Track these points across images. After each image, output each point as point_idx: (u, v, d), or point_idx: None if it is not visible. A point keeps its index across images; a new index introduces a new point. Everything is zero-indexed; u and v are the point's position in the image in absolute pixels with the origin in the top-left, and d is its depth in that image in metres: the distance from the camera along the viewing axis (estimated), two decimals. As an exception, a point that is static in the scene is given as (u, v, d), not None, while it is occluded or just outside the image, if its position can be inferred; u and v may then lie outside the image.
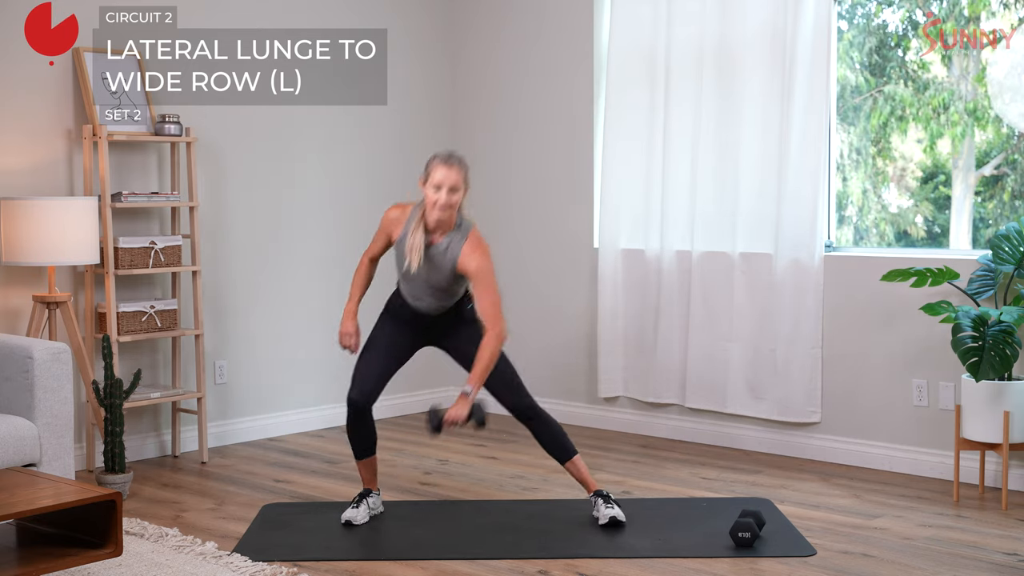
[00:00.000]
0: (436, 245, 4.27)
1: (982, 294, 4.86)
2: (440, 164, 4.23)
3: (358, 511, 4.43)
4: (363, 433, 4.44)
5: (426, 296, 4.36)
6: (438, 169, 4.22)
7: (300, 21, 6.10)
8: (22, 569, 3.34)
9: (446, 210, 4.21)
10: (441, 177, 4.20)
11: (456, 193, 4.22)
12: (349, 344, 4.51)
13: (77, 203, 4.89)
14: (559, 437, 4.47)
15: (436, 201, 4.20)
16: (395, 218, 4.37)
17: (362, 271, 4.54)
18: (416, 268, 4.26)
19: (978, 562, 3.96)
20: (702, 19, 5.69)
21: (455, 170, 4.22)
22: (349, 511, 4.44)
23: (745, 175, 5.59)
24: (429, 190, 4.23)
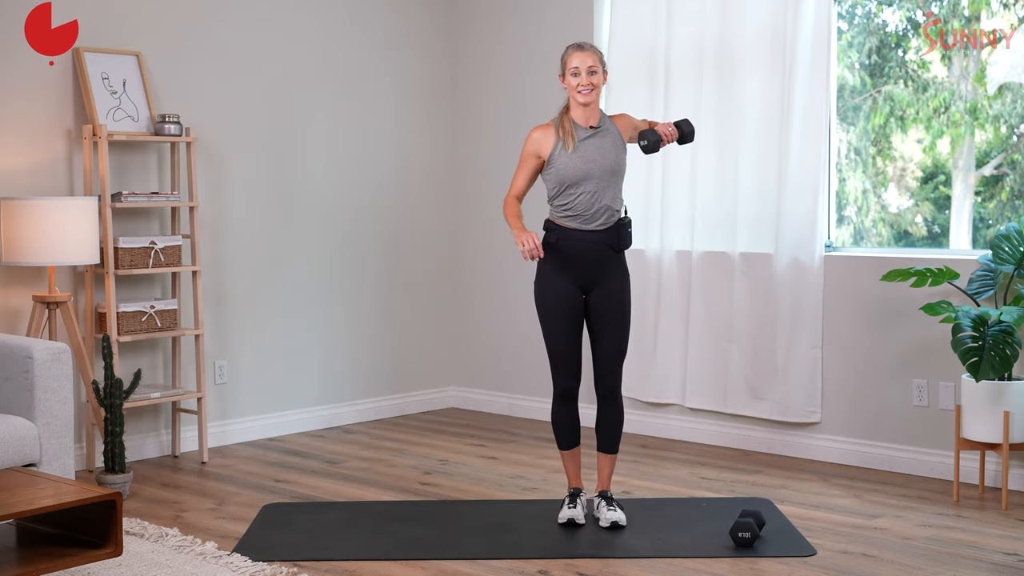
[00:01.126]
0: (597, 127, 4.32)
1: (982, 294, 4.86)
2: (574, 51, 4.29)
3: (576, 510, 4.38)
4: (572, 421, 4.44)
5: (603, 191, 4.28)
6: (573, 56, 4.28)
7: (300, 21, 6.10)
8: (22, 569, 3.34)
9: (589, 92, 4.26)
10: (578, 62, 4.26)
11: (595, 75, 4.27)
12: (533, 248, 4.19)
13: (77, 203, 4.89)
14: (618, 429, 4.47)
15: (579, 85, 4.26)
16: (539, 137, 4.36)
17: (511, 207, 4.37)
18: (577, 149, 4.26)
19: (978, 562, 3.96)
20: (702, 19, 5.69)
21: (588, 53, 4.28)
22: (567, 510, 4.38)
23: (745, 175, 5.59)
24: (569, 79, 4.28)
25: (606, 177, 4.28)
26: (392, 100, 6.53)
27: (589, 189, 4.28)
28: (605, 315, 4.36)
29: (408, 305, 6.66)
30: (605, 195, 4.29)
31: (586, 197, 4.28)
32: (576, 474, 4.50)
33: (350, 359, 6.38)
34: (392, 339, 6.59)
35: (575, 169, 4.27)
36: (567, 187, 4.29)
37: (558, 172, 4.29)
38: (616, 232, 4.33)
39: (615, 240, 4.33)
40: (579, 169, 4.26)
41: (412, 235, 6.67)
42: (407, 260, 6.65)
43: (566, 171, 4.28)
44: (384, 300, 6.53)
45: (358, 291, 6.41)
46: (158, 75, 5.54)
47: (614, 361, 4.41)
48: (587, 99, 4.26)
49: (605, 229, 4.31)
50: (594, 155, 4.28)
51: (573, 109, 4.32)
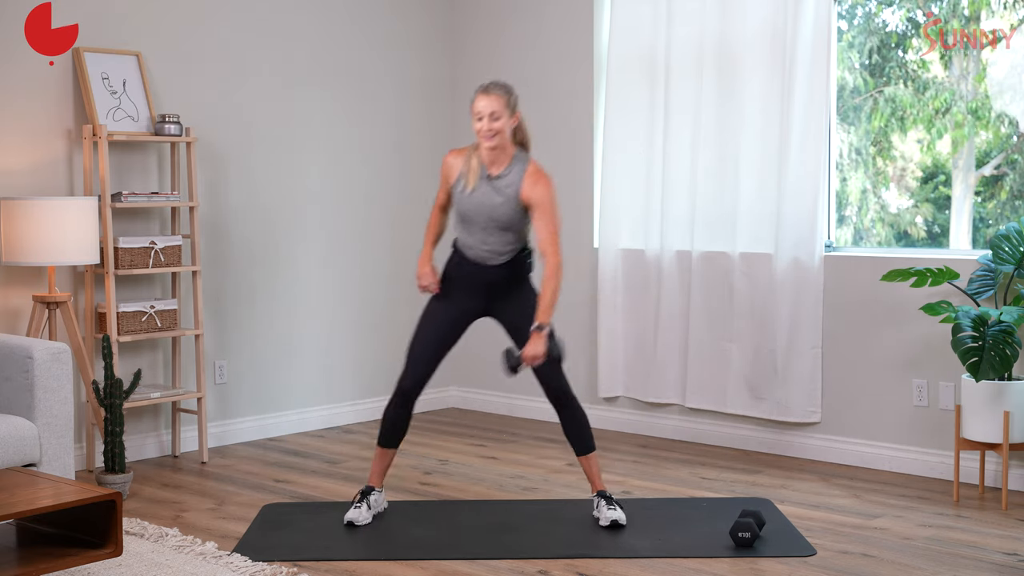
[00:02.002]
0: (498, 177, 4.25)
1: (982, 294, 4.86)
2: (479, 94, 4.21)
3: (360, 511, 4.40)
4: (401, 422, 4.42)
5: (489, 239, 4.30)
6: (478, 100, 4.20)
7: (300, 21, 6.10)
8: (22, 569, 3.34)
9: (491, 138, 4.18)
10: (481, 107, 4.19)
11: (498, 120, 4.17)
12: (427, 284, 4.39)
13: (77, 203, 4.89)
14: (583, 429, 4.45)
15: (480, 131, 4.19)
16: (451, 162, 4.36)
17: (432, 222, 4.48)
18: (469, 191, 4.24)
19: (978, 562, 3.96)
20: (702, 19, 5.69)
21: (493, 97, 4.18)
22: (351, 512, 4.42)
23: (745, 175, 5.59)
24: (474, 123, 4.21)
25: (490, 226, 4.29)
26: (392, 100, 6.53)
27: (473, 232, 4.31)
28: (522, 327, 4.33)
29: (408, 305, 6.63)
30: (490, 241, 4.31)
31: (470, 237, 4.33)
32: (379, 472, 4.48)
33: (350, 359, 6.38)
34: (392, 339, 6.57)
35: (464, 210, 4.30)
36: (458, 221, 4.36)
37: (455, 205, 4.35)
38: (511, 266, 4.37)
39: (510, 272, 4.37)
40: (466, 211, 4.30)
41: (412, 235, 6.65)
42: (407, 260, 6.64)
43: (457, 207, 4.33)
44: (384, 300, 6.53)
45: (358, 291, 6.41)
46: (158, 75, 5.54)
47: (550, 368, 4.37)
48: (491, 144, 4.20)
49: (498, 264, 4.35)
50: (483, 203, 4.27)
51: (481, 148, 4.26)
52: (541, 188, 4.22)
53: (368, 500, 4.44)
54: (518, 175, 4.24)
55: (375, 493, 4.48)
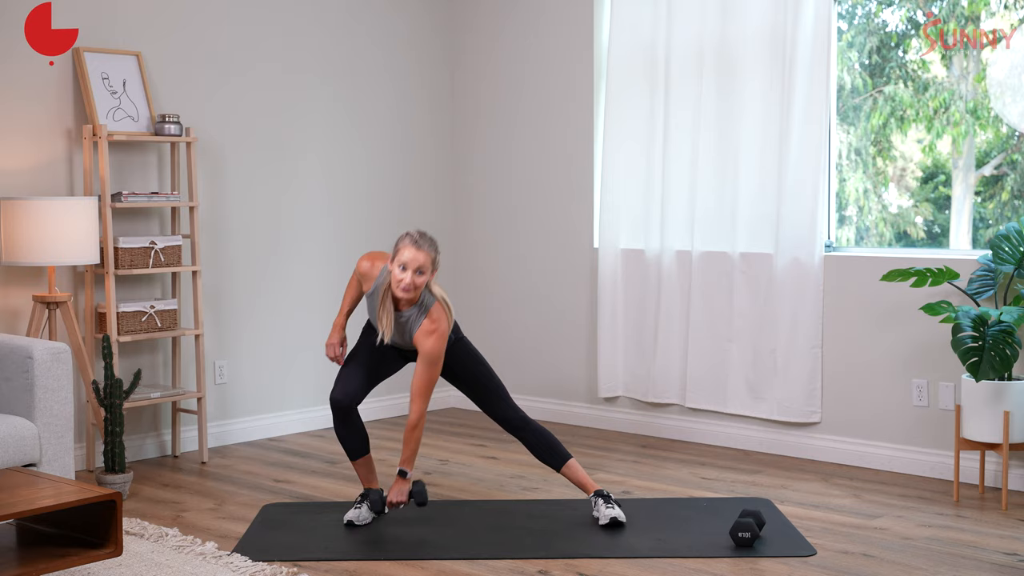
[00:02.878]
0: (401, 312, 4.32)
1: (982, 294, 4.86)
2: (409, 244, 4.20)
3: (360, 511, 4.43)
4: (351, 433, 4.43)
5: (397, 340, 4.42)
6: (406, 249, 4.19)
7: (300, 21, 6.10)
8: (22, 569, 3.34)
9: (410, 291, 4.21)
10: (408, 258, 4.18)
11: (422, 275, 4.20)
12: (334, 355, 4.53)
13: (77, 203, 4.89)
14: (551, 444, 4.49)
15: (401, 281, 4.19)
16: (365, 271, 4.41)
17: (352, 287, 4.55)
18: (388, 340, 4.33)
19: (978, 562, 3.96)
20: (702, 19, 5.69)
21: (423, 252, 4.19)
22: (351, 511, 4.44)
23: (745, 175, 5.59)
24: (396, 268, 4.20)
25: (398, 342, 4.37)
26: (392, 100, 6.53)
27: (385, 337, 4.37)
28: (462, 375, 4.47)
29: (408, 305, 6.65)
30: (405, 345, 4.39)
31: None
32: (366, 478, 4.51)
33: (350, 359, 6.37)
34: (392, 339, 6.58)
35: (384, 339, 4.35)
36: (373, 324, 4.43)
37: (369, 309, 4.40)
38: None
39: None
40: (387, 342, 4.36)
41: (412, 235, 6.66)
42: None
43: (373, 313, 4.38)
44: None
45: (358, 291, 6.41)
46: (158, 75, 5.54)
47: (500, 399, 4.47)
48: (406, 296, 4.23)
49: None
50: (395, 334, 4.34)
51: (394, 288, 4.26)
52: (431, 342, 4.25)
53: (369, 500, 4.45)
54: (416, 323, 4.29)
55: (373, 493, 4.48)
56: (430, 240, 4.25)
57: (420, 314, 4.28)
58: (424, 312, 4.27)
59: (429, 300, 4.30)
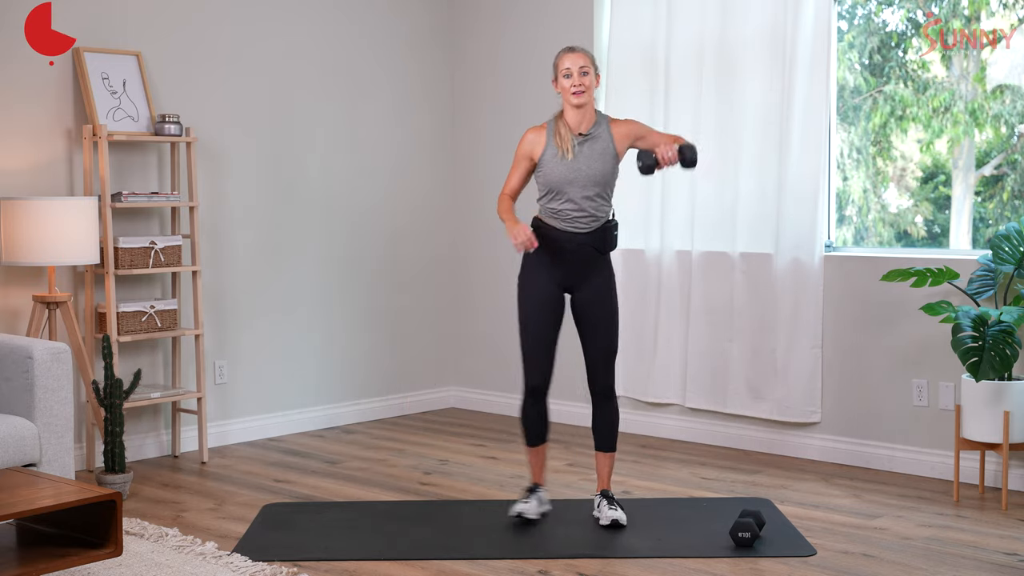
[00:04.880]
0: (588, 133, 4.32)
1: (982, 294, 4.86)
2: (565, 53, 4.32)
3: (529, 504, 4.41)
4: (541, 418, 4.45)
5: (584, 201, 4.31)
6: (564, 58, 4.31)
7: (301, 21, 6.10)
8: (22, 569, 3.34)
9: (582, 93, 4.27)
10: (569, 63, 4.28)
11: (587, 75, 4.28)
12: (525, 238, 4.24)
13: (77, 203, 4.89)
14: (614, 429, 4.49)
15: (572, 86, 4.27)
16: (533, 139, 4.40)
17: (506, 203, 4.42)
18: (572, 156, 4.29)
19: (978, 562, 3.96)
20: (702, 19, 5.69)
21: (580, 54, 4.30)
22: (520, 505, 4.42)
23: (745, 175, 5.59)
24: (562, 81, 4.30)
25: (589, 185, 4.30)
26: (392, 100, 6.53)
27: (572, 195, 4.31)
28: (592, 315, 4.41)
29: (408, 305, 6.66)
30: (587, 202, 4.31)
31: (569, 203, 4.32)
32: (539, 470, 4.52)
33: (350, 359, 6.38)
34: (392, 339, 6.59)
35: (560, 176, 4.31)
36: (552, 191, 4.34)
37: (545, 176, 4.34)
38: (601, 235, 4.37)
39: (600, 242, 4.37)
40: (563, 176, 4.30)
41: (412, 235, 6.67)
42: (407, 260, 6.66)
43: (551, 176, 4.32)
44: (384, 300, 6.53)
45: (358, 291, 6.41)
46: (158, 75, 5.54)
47: (606, 360, 4.45)
48: (580, 100, 4.27)
49: (589, 232, 4.35)
50: (580, 163, 4.30)
51: (567, 112, 4.33)
52: (632, 122, 4.40)
53: (537, 495, 4.46)
54: (607, 128, 4.35)
55: (541, 490, 4.49)
56: (583, 47, 4.41)
57: (605, 123, 4.35)
58: (606, 120, 4.37)
59: (603, 115, 4.39)
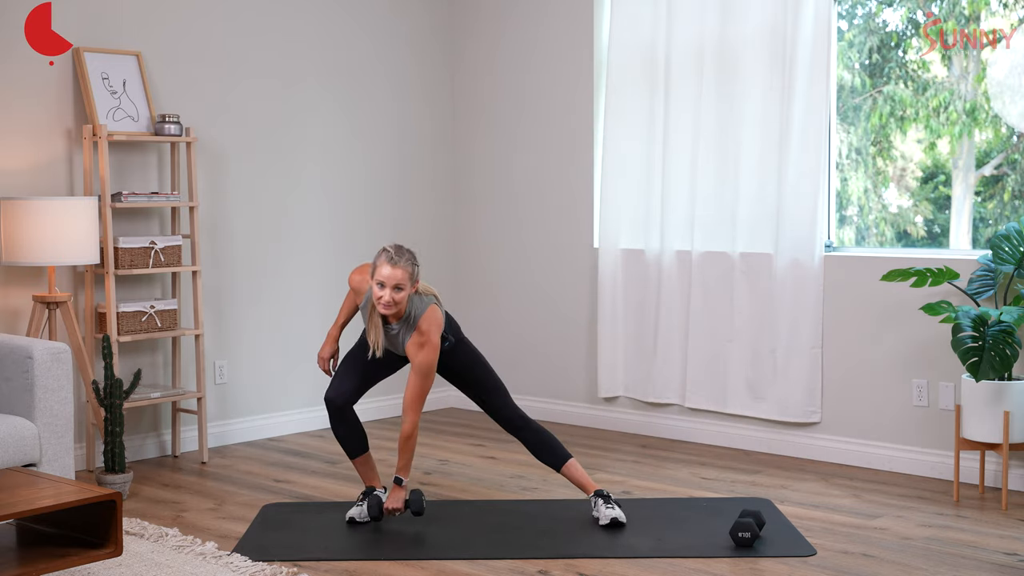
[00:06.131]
0: (391, 326, 4.33)
1: (982, 294, 4.86)
2: (385, 262, 4.18)
3: (362, 509, 4.44)
4: (348, 431, 4.46)
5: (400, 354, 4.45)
6: (383, 267, 4.18)
7: (300, 21, 6.10)
8: (22, 569, 3.34)
9: (391, 308, 4.20)
10: (386, 275, 4.17)
11: (400, 291, 4.18)
12: (324, 368, 4.59)
13: (77, 203, 4.89)
14: (551, 444, 4.50)
15: (381, 299, 4.19)
16: (356, 285, 4.46)
17: (348, 300, 4.59)
18: (380, 354, 4.35)
19: (978, 562, 3.96)
20: (702, 19, 5.69)
21: (399, 269, 4.16)
22: (353, 509, 4.46)
23: (745, 175, 5.59)
24: (375, 286, 4.21)
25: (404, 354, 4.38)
26: (392, 100, 6.53)
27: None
28: (461, 375, 4.48)
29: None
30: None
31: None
32: (367, 476, 4.54)
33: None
34: (392, 339, 6.58)
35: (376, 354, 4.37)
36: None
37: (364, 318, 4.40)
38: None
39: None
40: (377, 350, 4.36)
41: (412, 235, 6.65)
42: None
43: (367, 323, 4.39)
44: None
45: (358, 291, 6.41)
46: (158, 75, 5.54)
47: (500, 398, 4.47)
48: (387, 312, 4.23)
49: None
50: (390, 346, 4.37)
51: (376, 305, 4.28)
52: (423, 355, 4.26)
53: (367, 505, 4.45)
54: (405, 336, 4.31)
55: (376, 491, 4.49)
56: (407, 254, 4.22)
57: (409, 328, 4.29)
58: (412, 326, 4.28)
59: (419, 308, 4.28)
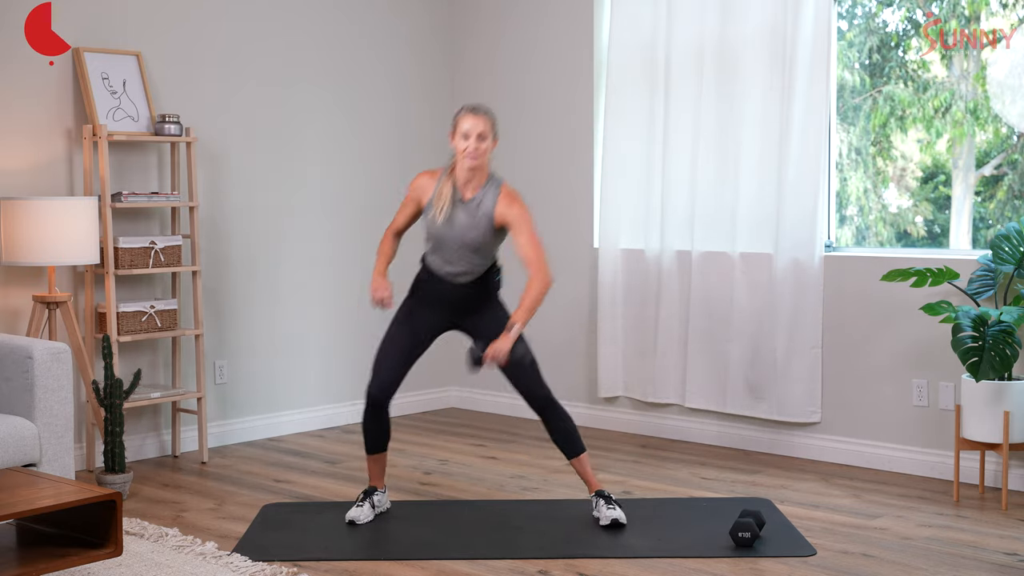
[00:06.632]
0: (470, 200, 4.28)
1: (982, 294, 4.86)
2: (467, 114, 4.25)
3: (362, 510, 4.43)
4: (379, 428, 4.45)
5: (458, 260, 4.34)
6: (465, 119, 4.24)
7: (300, 21, 6.10)
8: (22, 569, 3.34)
9: (476, 158, 4.22)
10: (469, 126, 4.22)
11: (484, 141, 4.23)
12: (382, 297, 4.40)
13: (77, 203, 4.89)
14: (571, 432, 4.46)
15: (466, 150, 4.22)
16: (424, 184, 4.38)
17: (385, 245, 4.50)
18: (442, 219, 4.28)
19: (978, 562, 3.96)
20: (702, 19, 5.69)
21: (482, 118, 4.23)
22: (353, 510, 4.44)
23: (745, 175, 5.59)
24: (458, 141, 4.25)
25: (463, 249, 4.32)
26: (392, 100, 6.53)
27: (445, 253, 4.34)
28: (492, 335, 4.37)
29: (408, 305, 6.65)
30: (461, 262, 4.34)
31: (443, 256, 4.35)
32: (376, 475, 4.53)
33: (350, 359, 6.38)
34: (392, 339, 6.58)
35: (435, 233, 4.34)
36: (430, 241, 4.39)
37: (424, 226, 4.38)
38: (482, 282, 4.39)
39: (481, 289, 4.40)
40: (438, 234, 4.33)
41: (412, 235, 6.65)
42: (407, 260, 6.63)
43: (428, 230, 4.37)
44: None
45: (358, 291, 6.40)
46: (158, 75, 5.54)
47: (531, 376, 4.42)
48: (473, 164, 4.24)
49: (467, 282, 4.38)
50: (454, 228, 4.31)
51: (458, 168, 4.30)
52: (516, 208, 4.26)
53: (371, 499, 4.47)
54: (492, 198, 4.28)
55: (378, 493, 4.49)
56: (486, 108, 4.30)
57: (494, 191, 4.28)
58: (496, 188, 4.29)
59: (497, 178, 4.32)
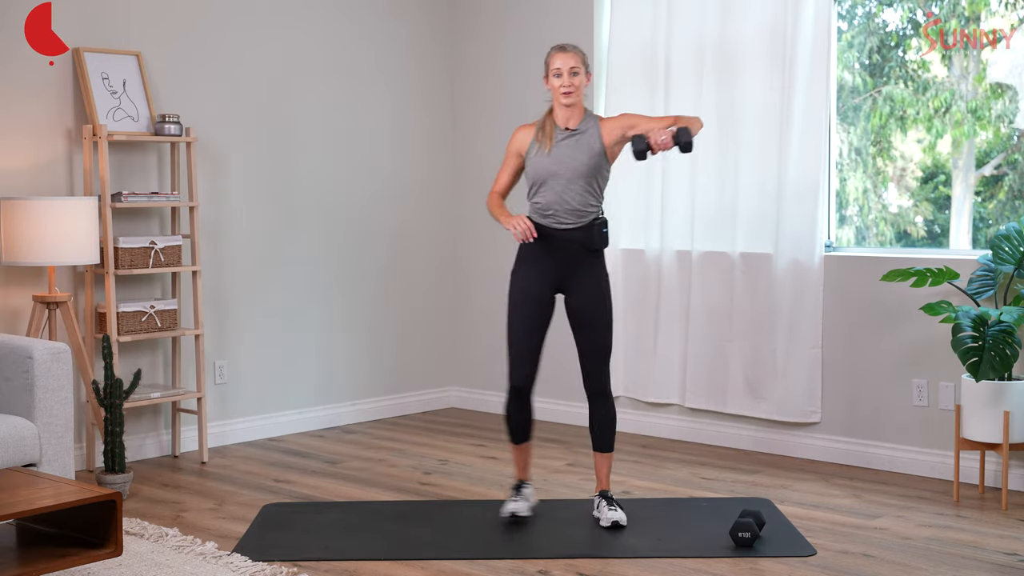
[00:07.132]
0: (575, 130, 4.33)
1: (982, 294, 4.86)
2: (557, 52, 4.34)
3: (520, 503, 4.44)
4: (522, 418, 4.47)
5: (568, 196, 4.31)
6: (556, 57, 4.32)
7: (300, 21, 6.10)
8: (22, 569, 3.34)
9: (572, 94, 4.29)
10: (560, 63, 4.30)
11: (577, 75, 4.30)
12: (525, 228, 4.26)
13: (77, 203, 4.89)
14: (611, 428, 4.48)
15: (560, 87, 4.29)
16: (522, 135, 4.43)
17: (495, 198, 4.48)
18: (549, 149, 4.31)
19: (978, 562, 3.96)
20: (702, 19, 5.69)
21: (572, 54, 4.31)
22: (512, 504, 4.45)
23: (745, 175, 5.59)
24: (552, 80, 4.32)
25: (573, 178, 4.31)
26: (392, 100, 6.53)
27: (556, 189, 4.32)
28: (585, 316, 4.41)
29: (408, 305, 6.66)
30: (571, 196, 4.31)
31: (552, 196, 4.33)
32: (524, 467, 4.55)
33: (350, 359, 6.38)
34: (392, 339, 6.58)
35: (543, 169, 4.33)
36: (536, 185, 4.36)
37: (530, 169, 4.38)
38: (589, 231, 4.35)
39: (588, 239, 4.36)
40: (547, 169, 4.32)
41: (412, 235, 6.67)
42: (407, 260, 6.65)
43: (535, 170, 4.35)
44: (384, 300, 6.53)
45: (358, 291, 6.41)
46: (158, 75, 5.54)
47: (599, 360, 4.44)
48: (569, 100, 4.30)
49: (576, 228, 4.34)
50: (564, 157, 4.31)
51: (556, 109, 4.36)
52: (624, 115, 4.39)
53: (523, 492, 4.49)
54: (595, 125, 4.35)
55: (527, 486, 4.52)
56: (574, 45, 4.39)
57: (594, 120, 4.35)
58: (595, 119, 4.36)
59: (592, 113, 4.39)
